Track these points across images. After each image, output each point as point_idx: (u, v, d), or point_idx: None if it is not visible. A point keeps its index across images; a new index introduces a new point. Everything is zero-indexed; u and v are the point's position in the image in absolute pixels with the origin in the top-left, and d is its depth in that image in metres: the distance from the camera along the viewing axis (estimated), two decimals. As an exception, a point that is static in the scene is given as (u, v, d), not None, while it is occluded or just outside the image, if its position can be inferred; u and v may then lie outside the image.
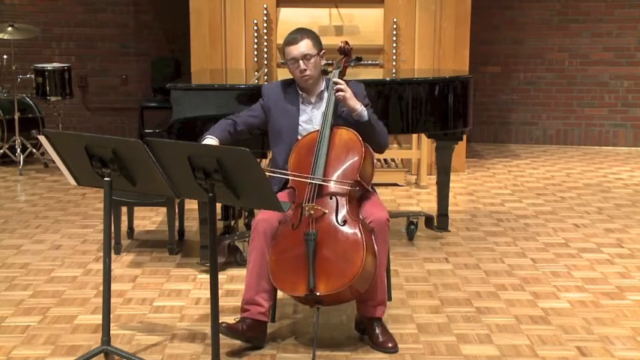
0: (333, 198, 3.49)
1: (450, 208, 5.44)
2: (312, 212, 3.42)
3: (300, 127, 3.79)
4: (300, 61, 3.70)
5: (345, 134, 3.65)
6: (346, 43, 3.94)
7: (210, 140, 3.66)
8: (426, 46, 7.15)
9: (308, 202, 3.46)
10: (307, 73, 3.72)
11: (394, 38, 7.14)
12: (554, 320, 3.87)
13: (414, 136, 6.82)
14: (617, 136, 8.89)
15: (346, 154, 3.60)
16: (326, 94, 3.80)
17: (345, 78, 3.84)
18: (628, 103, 8.83)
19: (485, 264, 4.74)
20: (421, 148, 6.85)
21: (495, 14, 8.80)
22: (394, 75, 6.30)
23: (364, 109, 3.70)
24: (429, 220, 5.31)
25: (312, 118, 3.80)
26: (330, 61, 3.95)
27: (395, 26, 7.12)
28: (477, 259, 4.83)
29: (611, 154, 8.53)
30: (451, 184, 5.42)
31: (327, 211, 3.45)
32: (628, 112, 8.84)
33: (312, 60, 3.72)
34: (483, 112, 8.83)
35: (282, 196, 3.65)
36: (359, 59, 4.00)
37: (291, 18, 7.09)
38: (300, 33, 3.77)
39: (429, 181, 6.83)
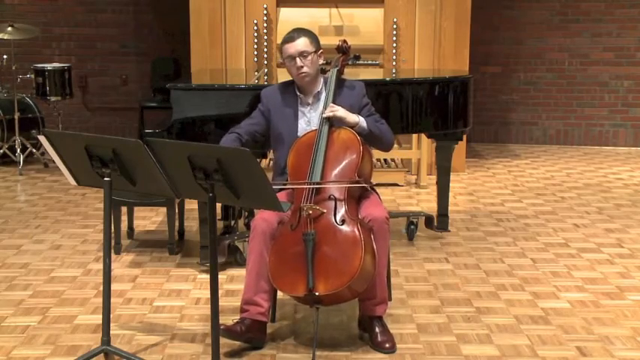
0: (332, 198, 3.49)
1: (450, 208, 5.44)
2: (310, 212, 3.42)
3: (299, 130, 3.79)
4: (297, 59, 3.70)
5: (343, 133, 3.65)
6: (344, 41, 3.95)
7: None
8: (426, 46, 7.15)
9: (306, 203, 3.46)
10: (304, 70, 3.72)
11: (394, 38, 7.14)
12: (554, 320, 3.87)
13: (414, 136, 6.82)
14: (617, 136, 8.90)
15: (344, 153, 3.60)
16: (323, 95, 3.80)
17: (343, 76, 3.85)
18: (628, 103, 8.83)
19: (485, 264, 4.74)
20: (421, 148, 6.85)
21: (495, 14, 8.80)
22: (394, 75, 6.29)
23: (362, 119, 3.71)
24: (429, 220, 5.31)
25: (310, 120, 3.80)
26: (329, 60, 3.95)
27: (395, 26, 7.12)
28: (476, 259, 4.83)
29: (611, 154, 8.53)
30: (451, 184, 5.42)
31: (325, 211, 3.45)
32: (628, 112, 8.84)
33: (309, 57, 3.72)
34: (483, 112, 8.83)
35: (281, 197, 3.65)
36: (357, 57, 4.00)
37: (291, 18, 7.09)
38: (298, 32, 3.77)
39: (429, 181, 6.83)
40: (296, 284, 3.37)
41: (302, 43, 3.72)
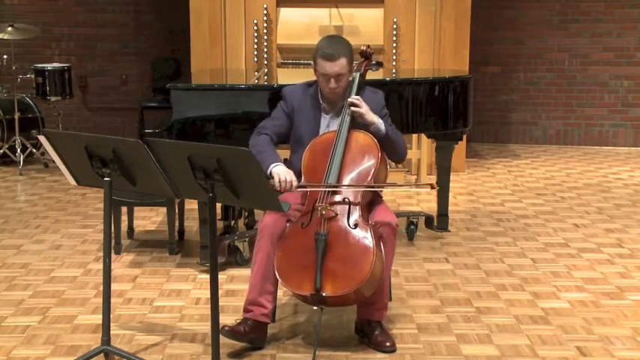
0: (346, 200, 3.48)
1: (450, 208, 5.44)
2: (323, 212, 3.41)
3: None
4: (332, 79, 3.62)
5: (361, 138, 3.62)
6: (368, 46, 3.93)
7: (281, 166, 3.54)
8: (426, 46, 7.15)
9: (321, 203, 3.45)
10: (337, 90, 3.66)
11: (394, 38, 7.14)
12: (554, 320, 3.87)
13: (414, 136, 6.83)
14: (617, 136, 8.90)
15: (362, 157, 3.58)
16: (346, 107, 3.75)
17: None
18: (628, 103, 8.84)
19: (485, 264, 4.74)
20: (421, 148, 6.85)
21: (495, 14, 8.80)
22: (394, 75, 6.29)
23: (381, 122, 3.66)
24: (429, 220, 5.31)
25: (330, 125, 3.75)
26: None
27: (395, 26, 7.13)
28: (477, 259, 4.83)
29: (611, 154, 8.53)
30: (451, 184, 5.43)
31: (338, 212, 3.45)
32: (628, 112, 8.85)
33: (345, 78, 3.65)
34: (483, 112, 8.82)
35: (295, 195, 3.63)
36: (380, 64, 3.96)
37: (291, 18, 7.09)
38: (337, 49, 3.62)
39: (429, 181, 6.83)
40: (303, 283, 3.36)
41: (340, 65, 3.59)
